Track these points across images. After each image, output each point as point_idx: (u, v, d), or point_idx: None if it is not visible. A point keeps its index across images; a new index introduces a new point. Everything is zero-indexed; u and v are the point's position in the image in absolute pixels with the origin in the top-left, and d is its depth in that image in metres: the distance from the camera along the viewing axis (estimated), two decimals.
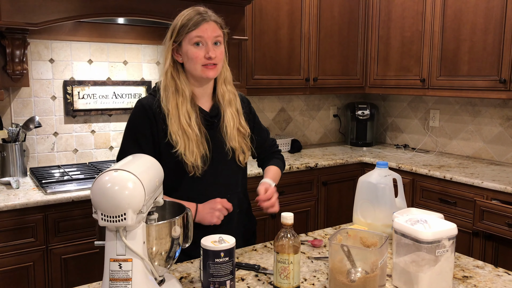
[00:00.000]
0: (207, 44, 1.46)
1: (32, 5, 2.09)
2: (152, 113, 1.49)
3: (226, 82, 1.57)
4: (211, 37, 1.46)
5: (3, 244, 2.03)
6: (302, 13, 3.14)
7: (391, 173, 1.63)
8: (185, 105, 1.48)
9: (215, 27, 1.48)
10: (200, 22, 1.45)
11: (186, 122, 1.46)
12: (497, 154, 3.06)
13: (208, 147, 1.50)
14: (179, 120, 1.46)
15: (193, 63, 1.47)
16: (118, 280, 1.01)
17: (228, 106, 1.55)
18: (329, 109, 3.87)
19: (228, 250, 1.15)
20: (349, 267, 1.14)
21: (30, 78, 2.58)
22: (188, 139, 1.46)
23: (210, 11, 1.51)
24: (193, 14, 1.47)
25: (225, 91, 1.56)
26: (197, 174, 1.48)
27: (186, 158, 1.46)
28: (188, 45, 1.46)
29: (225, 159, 1.55)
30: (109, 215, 0.97)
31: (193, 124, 1.47)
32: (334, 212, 3.12)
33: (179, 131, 1.46)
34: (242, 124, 1.58)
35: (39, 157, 2.67)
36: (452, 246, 1.19)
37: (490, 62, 2.68)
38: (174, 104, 1.47)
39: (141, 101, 1.54)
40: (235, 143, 1.55)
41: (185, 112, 1.47)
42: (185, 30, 1.45)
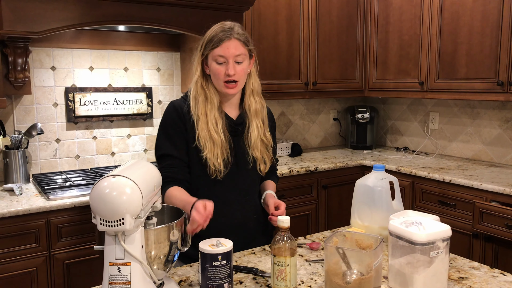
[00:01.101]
0: (228, 62, 1.51)
1: (33, 14, 2.12)
2: (183, 115, 1.58)
3: (254, 93, 1.63)
4: (232, 56, 1.51)
5: (6, 249, 2.06)
6: (300, 18, 3.17)
7: (388, 176, 1.64)
8: (213, 112, 1.55)
9: (238, 45, 1.52)
10: (223, 40, 1.51)
11: (213, 128, 1.54)
12: (496, 156, 3.07)
13: (231, 153, 1.58)
14: (207, 126, 1.54)
15: (215, 79, 1.55)
16: (117, 283, 1.03)
17: (254, 116, 1.62)
18: (329, 112, 3.89)
19: (226, 253, 1.18)
20: (345, 269, 1.15)
21: (32, 85, 2.62)
22: (214, 144, 1.54)
23: (237, 26, 1.55)
24: (219, 31, 1.52)
25: (252, 102, 1.62)
26: (218, 177, 1.56)
27: (210, 162, 1.53)
28: (212, 61, 1.53)
29: (246, 167, 1.62)
30: (107, 220, 0.99)
31: (220, 130, 1.55)
32: (334, 216, 3.13)
33: (207, 136, 1.53)
34: (266, 135, 1.65)
35: (41, 164, 2.70)
36: (447, 248, 1.20)
37: (487, 64, 2.70)
38: (203, 111, 1.55)
39: (173, 103, 1.63)
40: (258, 153, 1.62)
41: (213, 118, 1.55)
42: (209, 46, 1.53)
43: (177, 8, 2.46)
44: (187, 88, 3.03)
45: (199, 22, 2.51)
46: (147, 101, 2.97)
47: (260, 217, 1.70)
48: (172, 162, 1.57)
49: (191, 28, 2.53)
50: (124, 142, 2.96)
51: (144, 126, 3.01)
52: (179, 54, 3.09)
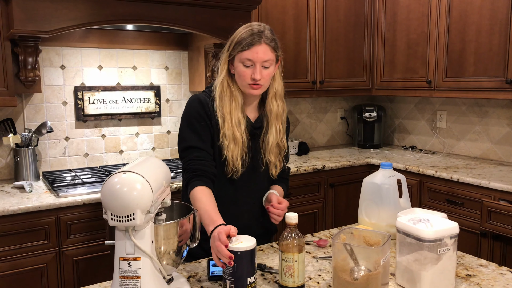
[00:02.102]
0: (255, 66, 1.50)
1: (43, 14, 2.15)
2: (209, 109, 1.56)
3: (276, 96, 1.61)
4: (260, 61, 1.50)
5: (17, 246, 2.08)
6: (308, 17, 3.17)
7: (395, 174, 1.65)
8: (237, 112, 1.55)
9: (267, 50, 1.50)
10: (252, 44, 1.49)
11: (237, 128, 1.54)
12: (505, 155, 3.06)
13: (248, 154, 1.58)
14: (231, 125, 1.53)
15: (240, 80, 1.54)
16: (127, 278, 1.05)
17: (275, 120, 1.61)
18: (336, 111, 3.89)
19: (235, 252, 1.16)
20: (352, 265, 1.16)
21: (42, 84, 2.65)
22: (235, 144, 1.54)
23: (267, 30, 1.53)
24: (249, 34, 1.50)
25: (274, 105, 1.61)
26: (234, 177, 1.57)
27: (230, 161, 1.54)
28: (239, 62, 1.52)
29: (259, 169, 1.62)
30: (118, 215, 1.01)
31: (242, 130, 1.55)
32: (341, 214, 3.14)
33: (231, 135, 1.53)
34: (283, 139, 1.64)
35: (51, 161, 2.73)
36: (454, 245, 1.21)
37: (496, 63, 2.69)
38: (228, 110, 1.55)
39: (198, 96, 1.60)
40: (272, 157, 1.62)
41: (236, 118, 1.54)
42: (238, 48, 1.51)
43: (185, 7, 2.48)
44: (194, 86, 3.06)
45: (207, 21, 2.53)
46: (155, 99, 2.99)
47: (265, 221, 1.69)
48: (200, 154, 1.54)
49: (199, 27, 2.54)
50: (133, 141, 2.98)
51: (152, 125, 3.03)
52: (187, 53, 3.11)
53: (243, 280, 1.17)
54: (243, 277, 1.17)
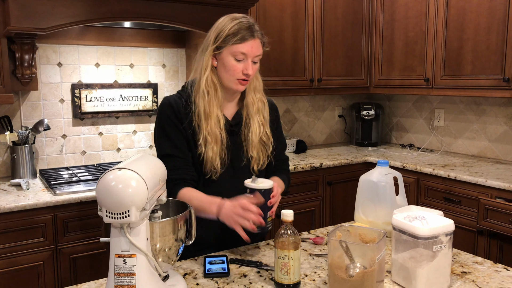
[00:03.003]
0: (247, 61, 1.47)
1: (40, 11, 2.14)
2: (179, 112, 1.52)
3: (255, 91, 1.58)
4: (252, 56, 1.48)
5: (14, 243, 2.08)
6: (306, 14, 3.17)
7: (392, 172, 1.65)
8: (217, 110, 1.51)
9: (259, 45, 1.49)
10: (247, 38, 1.46)
11: (217, 127, 1.50)
12: (502, 153, 3.06)
13: (227, 152, 1.54)
14: (212, 125, 1.49)
15: (228, 75, 1.49)
16: (122, 275, 1.04)
17: (256, 114, 1.57)
18: (334, 109, 3.89)
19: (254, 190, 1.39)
20: (348, 262, 1.16)
21: (39, 81, 2.64)
22: (215, 143, 1.50)
23: (256, 25, 1.50)
24: (243, 27, 1.46)
25: (255, 100, 1.58)
26: (213, 177, 1.52)
27: (208, 161, 1.50)
28: (229, 56, 1.47)
29: (240, 165, 1.58)
30: (113, 212, 1.00)
31: (222, 129, 1.51)
32: (339, 212, 3.14)
33: (209, 135, 1.49)
34: (267, 132, 1.60)
35: (48, 159, 2.73)
36: (450, 242, 1.21)
37: (493, 61, 2.69)
38: (209, 108, 1.50)
39: (168, 99, 1.55)
40: (255, 152, 1.57)
41: (215, 117, 1.50)
42: (231, 41, 1.45)
43: (182, 5, 2.47)
44: None
45: (204, 19, 2.52)
46: (152, 97, 2.99)
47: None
48: (176, 163, 1.50)
49: (196, 24, 2.54)
50: (130, 138, 2.98)
51: (149, 122, 3.03)
52: (184, 51, 3.11)
53: (265, 214, 1.37)
54: (266, 212, 1.37)
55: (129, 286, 1.04)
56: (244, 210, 1.33)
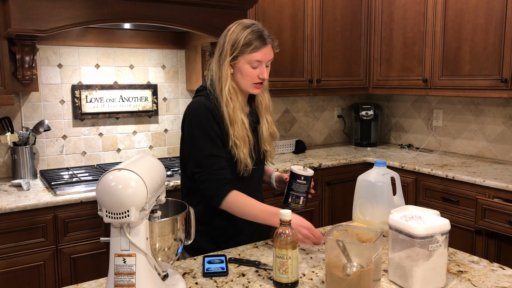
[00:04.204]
0: (261, 66, 1.58)
1: (40, 13, 2.16)
2: (217, 115, 1.57)
3: (264, 90, 1.70)
4: (267, 60, 1.59)
5: (14, 243, 2.10)
6: (304, 15, 3.19)
7: (389, 172, 1.66)
8: (241, 113, 1.60)
9: (271, 50, 1.60)
10: (261, 46, 1.56)
11: (245, 128, 1.59)
12: (500, 153, 3.08)
13: (255, 150, 1.64)
14: (239, 128, 1.58)
15: (245, 80, 1.59)
16: (122, 274, 1.06)
17: (265, 112, 1.69)
18: (333, 110, 3.90)
19: (308, 177, 1.63)
20: (345, 261, 1.18)
21: (40, 83, 2.66)
22: (244, 146, 1.58)
23: (266, 30, 1.60)
24: (256, 36, 1.55)
25: (264, 98, 1.69)
26: (245, 174, 1.61)
27: (241, 162, 1.58)
28: (246, 64, 1.57)
29: (259, 160, 1.70)
30: (113, 212, 1.02)
31: (247, 130, 1.60)
32: (338, 212, 3.15)
33: (240, 137, 1.57)
34: (274, 128, 1.73)
35: (48, 160, 2.74)
36: (445, 241, 1.22)
37: (491, 61, 2.71)
38: (236, 114, 1.58)
39: (202, 103, 1.58)
40: (268, 146, 1.70)
41: (240, 120, 1.59)
42: (247, 50, 1.55)
43: (182, 6, 2.49)
44: (191, 85, 3.07)
45: (204, 20, 2.54)
46: (152, 98, 3.00)
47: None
48: (221, 163, 1.55)
49: (196, 26, 2.55)
50: (130, 139, 3.00)
51: (149, 123, 3.05)
52: (184, 52, 3.12)
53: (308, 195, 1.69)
54: (310, 193, 1.70)
55: (129, 285, 1.06)
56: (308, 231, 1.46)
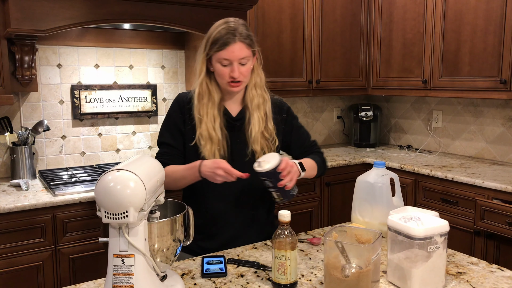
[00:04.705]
0: (232, 65, 1.53)
1: (40, 13, 2.15)
2: (184, 109, 1.63)
3: (256, 87, 1.64)
4: (236, 59, 1.53)
5: (13, 244, 2.10)
6: (304, 16, 3.19)
7: (388, 173, 1.66)
8: (213, 111, 1.59)
9: (242, 47, 1.53)
10: (228, 43, 1.51)
11: (211, 126, 1.57)
12: (499, 154, 3.08)
13: (227, 149, 1.60)
14: (206, 125, 1.57)
15: (220, 78, 1.58)
16: (121, 275, 1.06)
17: (256, 110, 1.62)
18: (332, 110, 3.90)
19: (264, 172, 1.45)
20: (344, 262, 1.17)
21: (39, 83, 2.66)
22: (211, 142, 1.57)
23: (241, 26, 1.54)
24: (224, 32, 1.52)
25: (254, 96, 1.63)
26: None
27: (206, 157, 1.56)
28: (217, 62, 1.55)
29: (244, 160, 1.62)
30: (112, 212, 1.02)
31: (217, 127, 1.58)
32: (337, 213, 3.15)
33: (206, 134, 1.57)
34: (268, 127, 1.65)
35: (47, 160, 2.74)
36: (444, 243, 1.22)
37: (490, 63, 2.71)
38: (205, 111, 1.58)
39: (180, 95, 1.68)
40: (257, 146, 1.62)
41: (211, 117, 1.58)
42: (214, 48, 1.53)
43: (181, 7, 2.49)
44: (191, 85, 3.07)
45: (203, 20, 2.54)
46: (151, 98, 3.00)
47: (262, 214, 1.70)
48: (169, 150, 1.63)
49: (195, 26, 2.55)
50: (129, 139, 2.99)
51: (148, 123, 3.05)
52: (184, 52, 3.12)
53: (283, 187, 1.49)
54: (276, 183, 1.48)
55: (127, 286, 1.05)
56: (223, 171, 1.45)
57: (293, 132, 1.78)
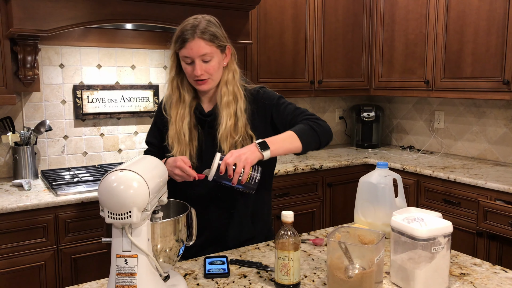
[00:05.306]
0: (194, 62, 1.49)
1: (42, 13, 2.16)
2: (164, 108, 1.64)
3: (227, 84, 1.56)
4: (196, 56, 1.48)
5: (15, 244, 2.10)
6: (306, 16, 3.19)
7: (391, 173, 1.66)
8: (182, 110, 1.57)
9: (201, 44, 1.47)
10: (185, 41, 1.47)
11: (179, 126, 1.56)
12: (502, 155, 3.07)
13: (198, 147, 1.58)
14: (175, 124, 1.57)
15: (187, 77, 1.56)
16: (124, 275, 1.06)
17: (225, 108, 1.54)
18: (334, 111, 3.90)
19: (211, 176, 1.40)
20: (347, 263, 1.17)
21: (41, 83, 2.66)
22: (178, 143, 1.56)
23: (203, 22, 1.49)
24: (183, 30, 1.48)
25: (225, 93, 1.55)
26: None
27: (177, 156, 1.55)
28: (182, 60, 1.53)
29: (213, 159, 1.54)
30: (115, 212, 1.02)
31: (185, 127, 1.56)
32: (339, 213, 3.15)
33: (175, 135, 1.56)
34: (238, 125, 1.55)
35: (49, 160, 2.74)
36: (448, 244, 1.22)
37: (493, 63, 2.70)
38: (174, 111, 1.58)
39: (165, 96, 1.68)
40: (225, 145, 1.53)
41: (180, 116, 1.57)
42: (175, 47, 1.52)
43: (183, 7, 2.49)
44: None
45: None
46: (153, 98, 3.00)
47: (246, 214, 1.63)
48: (153, 149, 1.69)
49: None
50: (131, 139, 2.99)
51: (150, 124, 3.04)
52: None
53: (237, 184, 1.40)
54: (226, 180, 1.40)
55: (130, 286, 1.05)
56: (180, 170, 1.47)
57: (273, 113, 1.61)
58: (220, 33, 1.52)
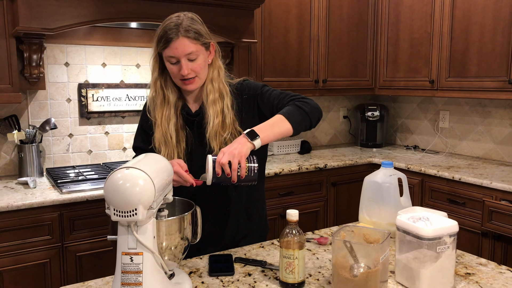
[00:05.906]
0: (180, 62, 1.45)
1: (48, 11, 2.16)
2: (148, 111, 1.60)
3: (213, 81, 1.54)
4: (182, 55, 1.44)
5: (20, 241, 2.10)
6: (311, 16, 3.18)
7: (396, 173, 1.65)
8: (168, 112, 1.53)
9: (186, 43, 1.43)
10: (170, 40, 1.42)
11: (165, 128, 1.52)
12: (507, 155, 3.06)
13: (187, 148, 1.55)
14: (161, 126, 1.53)
15: (173, 77, 1.51)
16: (129, 272, 1.06)
17: (211, 105, 1.52)
18: (339, 110, 3.89)
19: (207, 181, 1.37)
20: (352, 262, 1.17)
21: (47, 81, 2.67)
22: (165, 146, 1.53)
23: (186, 20, 1.45)
24: (166, 29, 1.43)
25: (210, 91, 1.53)
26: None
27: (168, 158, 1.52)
28: (166, 60, 1.48)
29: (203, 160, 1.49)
30: (121, 210, 1.02)
31: (171, 129, 1.52)
32: (343, 213, 3.15)
33: (161, 137, 1.53)
34: (225, 122, 1.52)
35: (55, 158, 2.75)
36: (453, 243, 1.21)
37: (498, 63, 2.69)
38: (159, 113, 1.54)
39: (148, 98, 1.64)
40: (215, 144, 1.52)
41: (166, 118, 1.53)
42: (159, 47, 1.46)
43: (188, 6, 2.48)
44: None
45: (210, 20, 2.51)
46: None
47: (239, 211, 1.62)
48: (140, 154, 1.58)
49: None
50: None
51: None
52: None
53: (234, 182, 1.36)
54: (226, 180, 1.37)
55: (135, 284, 1.06)
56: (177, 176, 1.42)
57: (259, 102, 1.59)
58: (203, 30, 1.49)
